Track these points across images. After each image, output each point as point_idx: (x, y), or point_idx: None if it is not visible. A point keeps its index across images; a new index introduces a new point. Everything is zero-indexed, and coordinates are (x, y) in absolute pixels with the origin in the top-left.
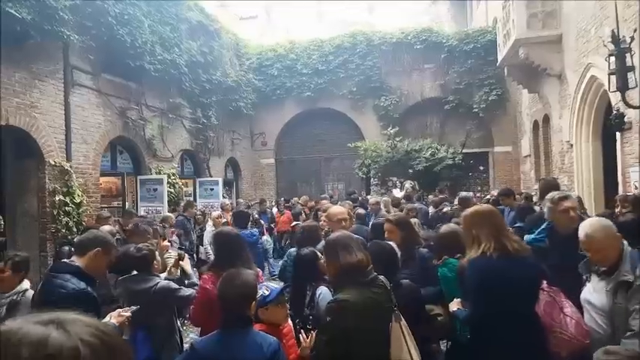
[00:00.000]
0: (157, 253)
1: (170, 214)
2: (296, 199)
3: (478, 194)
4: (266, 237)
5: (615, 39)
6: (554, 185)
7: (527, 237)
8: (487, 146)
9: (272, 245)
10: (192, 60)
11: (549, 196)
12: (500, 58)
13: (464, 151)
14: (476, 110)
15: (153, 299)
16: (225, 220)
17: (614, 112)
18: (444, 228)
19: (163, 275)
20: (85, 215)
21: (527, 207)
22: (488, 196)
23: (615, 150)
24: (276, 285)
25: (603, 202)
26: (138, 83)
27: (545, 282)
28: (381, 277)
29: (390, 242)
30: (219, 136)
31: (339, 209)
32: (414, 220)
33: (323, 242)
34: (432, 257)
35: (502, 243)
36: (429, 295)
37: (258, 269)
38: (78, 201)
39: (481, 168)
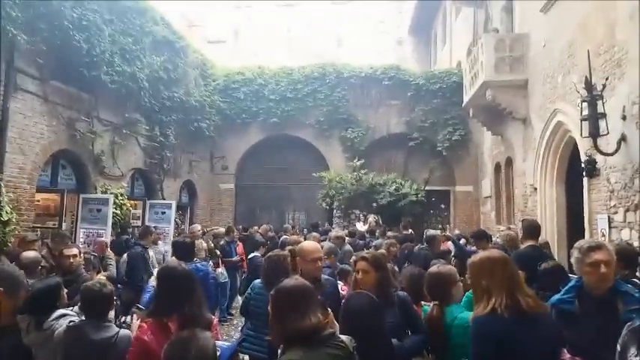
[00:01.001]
0: None
1: (103, 239)
2: (256, 228)
3: (441, 232)
4: (220, 270)
5: (588, 86)
6: (536, 227)
7: (552, 298)
8: (449, 185)
9: (227, 280)
10: (153, 75)
11: (577, 244)
12: (466, 99)
13: (426, 188)
14: (439, 149)
15: (111, 353)
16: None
17: (586, 157)
18: (433, 269)
19: None
20: (12, 235)
21: (503, 249)
22: (462, 240)
23: (580, 196)
24: (225, 342)
25: (566, 248)
26: (91, 94)
27: (565, 350)
28: (343, 337)
29: (369, 293)
30: (177, 157)
31: (314, 246)
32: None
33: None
34: (411, 301)
35: (515, 298)
36: (414, 346)
37: (213, 316)
38: (5, 219)
39: (442, 206)
